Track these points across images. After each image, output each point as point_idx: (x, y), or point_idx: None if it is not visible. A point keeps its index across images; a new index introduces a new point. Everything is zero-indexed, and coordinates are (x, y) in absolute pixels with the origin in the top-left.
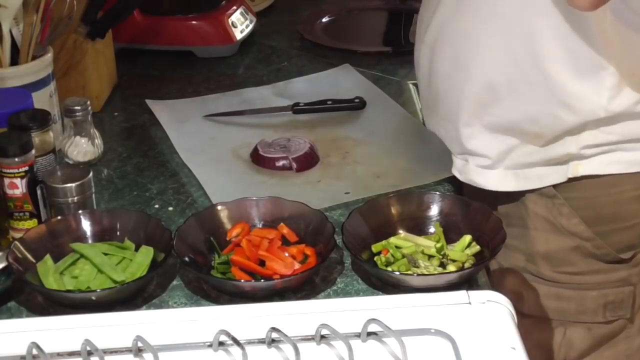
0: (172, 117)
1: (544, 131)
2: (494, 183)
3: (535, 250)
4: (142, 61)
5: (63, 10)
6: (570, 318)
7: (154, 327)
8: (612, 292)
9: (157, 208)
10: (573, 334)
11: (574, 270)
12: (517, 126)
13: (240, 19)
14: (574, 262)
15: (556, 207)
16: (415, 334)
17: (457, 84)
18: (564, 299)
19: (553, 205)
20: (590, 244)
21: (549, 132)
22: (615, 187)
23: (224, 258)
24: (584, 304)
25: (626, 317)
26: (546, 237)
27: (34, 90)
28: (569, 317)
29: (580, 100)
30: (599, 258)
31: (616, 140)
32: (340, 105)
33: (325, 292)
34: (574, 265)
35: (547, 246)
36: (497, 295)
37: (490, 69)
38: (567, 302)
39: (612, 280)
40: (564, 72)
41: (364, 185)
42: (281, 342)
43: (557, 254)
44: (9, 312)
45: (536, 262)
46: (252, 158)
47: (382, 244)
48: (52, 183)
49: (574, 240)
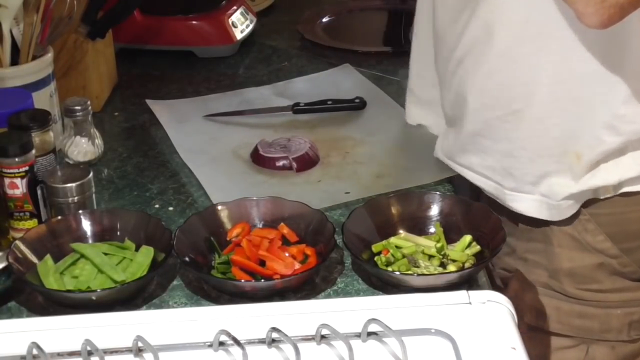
0: (172, 117)
1: (584, 151)
2: (528, 209)
3: (559, 267)
4: (142, 61)
5: (63, 10)
6: (594, 336)
7: (154, 327)
8: (638, 311)
9: (157, 208)
10: (596, 352)
11: (598, 288)
12: (557, 144)
13: (240, 19)
14: (599, 280)
15: (581, 224)
16: (416, 334)
17: (499, 101)
18: (588, 316)
19: (578, 221)
20: (616, 262)
21: (588, 152)
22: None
23: (224, 258)
24: (609, 322)
25: None
26: (570, 254)
27: (34, 90)
28: (592, 335)
29: (621, 120)
30: (624, 276)
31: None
32: (341, 105)
33: (326, 292)
34: (599, 282)
35: (571, 263)
36: (497, 295)
37: (534, 87)
38: (590, 320)
39: (637, 298)
40: (610, 90)
41: (364, 185)
42: (281, 342)
43: (581, 270)
44: (9, 312)
45: (560, 278)
46: (252, 158)
47: (382, 244)
48: (52, 183)
49: (600, 257)
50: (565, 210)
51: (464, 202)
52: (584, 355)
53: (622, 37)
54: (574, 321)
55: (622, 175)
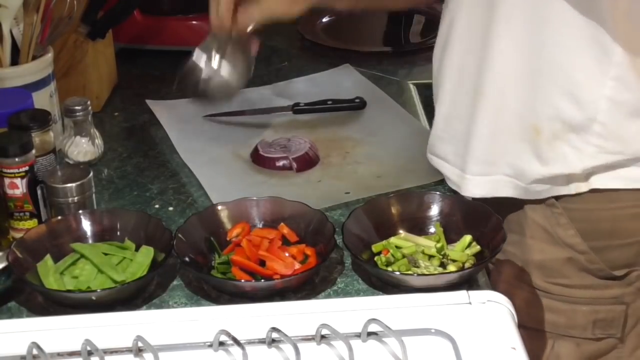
0: (172, 117)
1: (542, 124)
2: (490, 191)
3: (530, 259)
4: (142, 61)
5: (63, 10)
6: (559, 331)
7: (154, 327)
8: (604, 310)
9: (157, 208)
10: (561, 348)
11: (566, 283)
12: (517, 119)
13: None
14: (567, 275)
15: (554, 217)
16: (416, 334)
17: (462, 76)
18: (555, 311)
19: (551, 214)
20: (584, 258)
21: (547, 126)
22: (614, 202)
23: (224, 258)
24: (574, 318)
25: (617, 336)
26: (542, 246)
27: (34, 90)
28: (558, 330)
29: (581, 89)
30: (591, 273)
31: (618, 155)
32: (341, 105)
33: (326, 292)
34: (567, 277)
35: (542, 255)
36: (497, 295)
37: (492, 58)
38: (557, 314)
39: (604, 297)
40: (569, 59)
41: (364, 185)
42: (281, 342)
43: (551, 264)
44: (9, 312)
45: (530, 270)
46: (252, 158)
47: (382, 244)
48: (52, 183)
49: (569, 252)
50: (537, 193)
51: (464, 202)
52: (549, 349)
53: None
54: (541, 314)
55: (586, 163)
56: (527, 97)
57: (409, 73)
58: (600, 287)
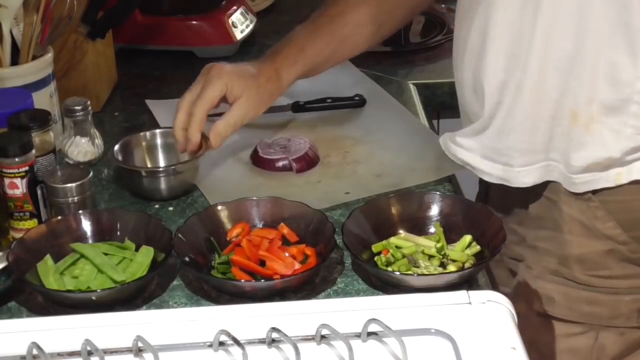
0: (171, 118)
1: (580, 109)
2: (541, 176)
3: (568, 253)
4: (142, 61)
5: (63, 10)
6: (603, 322)
7: (154, 327)
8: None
9: (157, 208)
10: (605, 339)
11: (608, 274)
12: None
13: (240, 19)
14: (608, 266)
15: (591, 210)
16: (416, 334)
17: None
18: (597, 303)
19: (588, 208)
20: (626, 248)
21: (584, 110)
22: None
23: (224, 258)
24: (618, 308)
25: None
26: (580, 241)
27: (34, 90)
28: (601, 321)
29: (618, 71)
30: (633, 262)
31: None
32: (340, 104)
33: (326, 292)
34: (608, 269)
35: (581, 249)
36: (497, 295)
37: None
38: (600, 306)
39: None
40: (606, 42)
41: (364, 185)
42: (281, 342)
43: (591, 257)
44: (9, 312)
45: (570, 265)
46: (252, 160)
47: (382, 244)
48: (52, 183)
49: (609, 243)
50: (578, 186)
51: (464, 202)
52: (593, 341)
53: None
54: (583, 307)
55: (624, 145)
56: (565, 84)
57: (408, 73)
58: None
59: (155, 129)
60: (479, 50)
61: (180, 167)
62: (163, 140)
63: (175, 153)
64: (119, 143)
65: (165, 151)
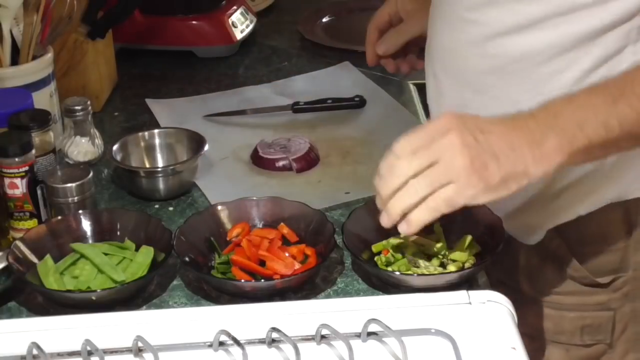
0: (171, 117)
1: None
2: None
3: (516, 264)
4: (142, 61)
5: (63, 10)
6: (548, 337)
7: (154, 327)
8: (590, 316)
9: (157, 208)
10: (552, 353)
11: (553, 290)
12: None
13: (240, 19)
14: (553, 281)
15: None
16: (416, 334)
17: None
18: (542, 317)
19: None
20: (569, 266)
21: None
22: (600, 210)
23: (224, 258)
24: (562, 324)
25: (606, 342)
26: (528, 252)
27: (34, 90)
28: (547, 335)
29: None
30: (576, 280)
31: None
32: (340, 104)
33: (326, 292)
34: (553, 285)
35: (527, 261)
36: (497, 295)
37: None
38: (545, 320)
39: (590, 303)
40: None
41: (364, 185)
42: (281, 342)
43: (537, 270)
44: (9, 312)
45: (518, 276)
46: (252, 159)
47: (382, 244)
48: (52, 183)
49: (555, 259)
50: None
51: None
52: (541, 355)
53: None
54: (530, 320)
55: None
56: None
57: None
58: (586, 293)
59: (154, 129)
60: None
61: (178, 166)
62: (162, 140)
63: (174, 153)
64: (117, 143)
65: (164, 151)
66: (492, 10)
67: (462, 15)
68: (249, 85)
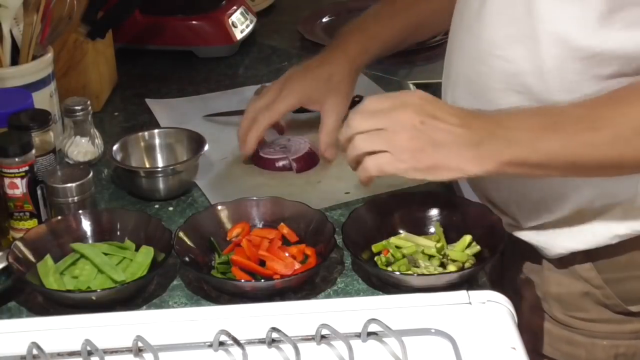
0: (171, 117)
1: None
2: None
3: (548, 290)
4: (142, 61)
5: (63, 10)
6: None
7: (154, 327)
8: (624, 344)
9: (157, 208)
10: None
11: (585, 317)
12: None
13: (240, 19)
14: (585, 309)
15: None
16: (416, 334)
17: None
18: (575, 344)
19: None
20: (600, 292)
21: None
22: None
23: (224, 258)
24: (594, 352)
25: None
26: (559, 279)
27: (34, 90)
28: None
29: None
30: (609, 307)
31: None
32: None
33: (326, 292)
34: (585, 311)
35: (559, 288)
36: (497, 295)
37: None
38: (577, 347)
39: (623, 331)
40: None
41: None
42: (281, 342)
43: (568, 297)
44: (9, 312)
45: (549, 302)
46: (252, 159)
47: (382, 244)
48: (52, 183)
49: (585, 285)
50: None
51: (464, 202)
52: None
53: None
54: (562, 347)
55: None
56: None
57: (409, 73)
58: (620, 321)
59: (154, 129)
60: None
61: (178, 166)
62: (162, 140)
63: (174, 153)
64: (117, 143)
65: (164, 151)
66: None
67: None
68: (249, 85)
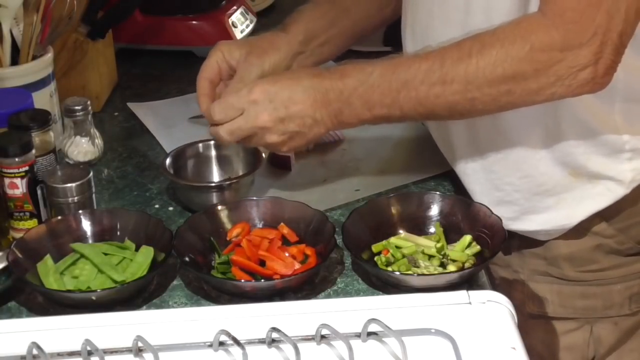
0: (157, 122)
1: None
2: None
3: (557, 254)
4: (142, 61)
5: (63, 10)
6: (597, 315)
7: (154, 327)
8: (636, 284)
9: (157, 208)
10: (600, 330)
11: (597, 268)
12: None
13: (240, 19)
14: (598, 260)
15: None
16: (416, 334)
17: None
18: (590, 296)
19: None
20: (613, 241)
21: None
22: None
23: (224, 258)
24: (610, 298)
25: None
26: (567, 241)
27: (34, 90)
28: (596, 314)
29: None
30: (621, 253)
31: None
32: None
33: (326, 292)
34: (598, 262)
35: (569, 249)
36: (497, 295)
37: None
38: (593, 299)
39: (635, 271)
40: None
41: (365, 184)
42: (281, 342)
43: (579, 254)
44: (9, 312)
45: (559, 264)
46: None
47: (382, 244)
48: (52, 183)
49: (597, 239)
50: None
51: (464, 202)
52: (588, 335)
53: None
54: (576, 303)
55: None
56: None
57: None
58: (630, 263)
59: (209, 140)
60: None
61: (235, 184)
62: (216, 152)
63: (229, 165)
64: (170, 155)
65: (217, 163)
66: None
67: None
68: None
